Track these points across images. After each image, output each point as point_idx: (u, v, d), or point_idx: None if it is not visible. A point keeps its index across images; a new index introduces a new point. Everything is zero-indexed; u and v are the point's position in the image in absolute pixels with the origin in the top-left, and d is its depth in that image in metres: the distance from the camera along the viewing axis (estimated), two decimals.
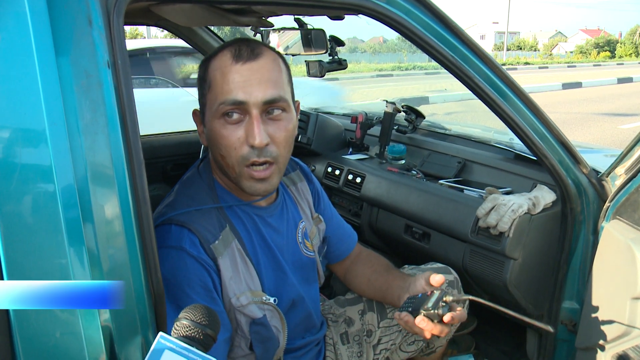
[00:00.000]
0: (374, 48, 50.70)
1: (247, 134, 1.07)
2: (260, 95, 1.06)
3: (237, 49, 1.08)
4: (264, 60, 1.09)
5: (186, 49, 5.14)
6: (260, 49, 1.10)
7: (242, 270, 1.14)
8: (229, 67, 1.07)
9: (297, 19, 1.87)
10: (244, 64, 1.07)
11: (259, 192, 1.13)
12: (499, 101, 1.35)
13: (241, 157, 1.08)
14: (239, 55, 1.07)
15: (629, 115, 10.35)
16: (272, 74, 1.09)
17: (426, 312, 1.12)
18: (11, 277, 0.77)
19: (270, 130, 1.08)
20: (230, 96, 1.06)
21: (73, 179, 0.78)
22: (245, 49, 1.08)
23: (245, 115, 1.07)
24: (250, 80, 1.06)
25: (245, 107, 1.06)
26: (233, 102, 1.06)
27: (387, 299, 1.39)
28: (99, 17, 0.82)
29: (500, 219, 1.58)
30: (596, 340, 1.45)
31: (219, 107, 1.07)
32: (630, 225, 1.41)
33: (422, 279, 1.26)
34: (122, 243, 0.84)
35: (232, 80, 1.06)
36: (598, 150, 2.37)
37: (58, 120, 0.77)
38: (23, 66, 0.75)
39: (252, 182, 1.11)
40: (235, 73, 1.06)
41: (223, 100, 1.06)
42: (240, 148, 1.07)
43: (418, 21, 1.22)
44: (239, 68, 1.07)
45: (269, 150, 1.08)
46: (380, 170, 2.28)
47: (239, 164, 1.09)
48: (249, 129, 1.06)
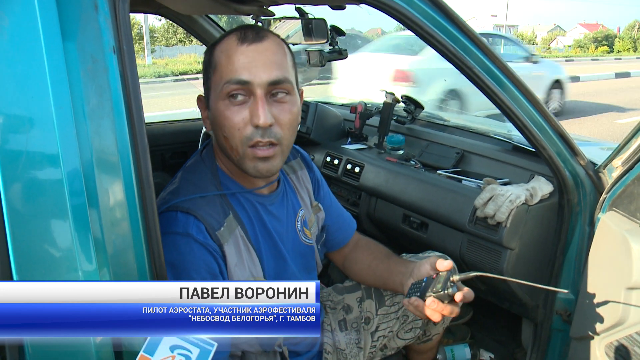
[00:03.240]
0: (372, 40, 50.50)
1: (252, 114, 1.07)
2: (265, 75, 1.07)
3: (242, 32, 1.10)
4: (269, 43, 1.10)
5: None
6: (265, 33, 1.11)
7: (245, 257, 1.16)
8: (234, 48, 1.08)
9: (298, 8, 1.87)
10: (250, 45, 1.08)
11: (262, 172, 1.13)
12: (498, 92, 1.36)
13: (245, 138, 1.08)
14: (245, 37, 1.09)
15: (626, 110, 10.37)
16: (276, 56, 1.10)
17: (436, 293, 1.12)
18: (18, 262, 0.78)
19: (274, 112, 1.09)
20: (235, 76, 1.07)
21: (79, 163, 0.79)
22: (250, 32, 1.10)
23: (250, 96, 1.08)
24: (255, 60, 1.07)
25: (249, 87, 1.07)
26: (238, 81, 1.06)
27: (389, 284, 1.40)
28: (105, 3, 0.82)
29: (498, 209, 1.59)
30: (590, 330, 1.47)
31: (223, 86, 1.08)
32: (626, 217, 1.43)
33: (427, 264, 1.26)
34: (127, 228, 0.85)
35: (237, 61, 1.07)
36: (595, 143, 2.38)
37: (65, 104, 0.77)
38: (31, 51, 0.76)
39: (255, 162, 1.11)
40: (240, 54, 1.07)
41: (228, 79, 1.07)
42: (244, 128, 1.08)
43: (420, 11, 1.23)
44: (244, 49, 1.08)
45: (272, 131, 1.09)
46: (379, 160, 2.29)
47: (243, 144, 1.09)
48: (254, 109, 1.07)
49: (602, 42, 56.10)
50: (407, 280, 1.29)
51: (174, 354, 0.70)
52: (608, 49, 53.44)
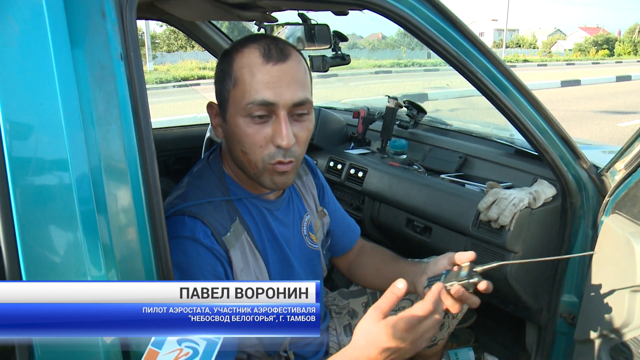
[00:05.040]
0: (373, 44, 50.67)
1: (275, 134, 1.07)
2: (290, 97, 1.07)
3: (266, 47, 1.08)
4: (293, 62, 1.09)
5: None
6: (288, 50, 1.10)
7: (251, 262, 1.16)
8: (258, 66, 1.07)
9: (301, 14, 1.88)
10: (275, 65, 1.06)
11: (279, 185, 1.14)
12: (501, 96, 1.37)
13: (267, 156, 1.09)
14: (269, 55, 1.07)
15: (627, 113, 10.37)
16: (299, 75, 1.09)
17: (461, 281, 1.10)
18: (28, 267, 0.78)
19: (295, 130, 1.09)
20: (260, 96, 1.06)
21: (88, 169, 0.80)
22: (274, 49, 1.08)
23: (272, 114, 1.08)
24: (280, 81, 1.06)
25: (273, 108, 1.06)
26: (262, 102, 1.06)
27: None
28: (112, 10, 0.83)
29: (502, 212, 1.59)
30: (595, 333, 1.47)
31: (246, 106, 1.07)
32: (629, 220, 1.43)
33: (444, 259, 1.24)
34: (134, 233, 0.86)
35: (262, 81, 1.06)
36: (597, 146, 2.39)
37: (73, 111, 0.78)
38: (39, 58, 0.77)
39: (273, 176, 1.12)
40: (265, 73, 1.06)
41: (252, 100, 1.06)
42: (266, 147, 1.08)
43: (423, 17, 1.24)
44: (269, 69, 1.06)
45: (293, 150, 1.09)
46: (382, 164, 2.29)
47: (264, 162, 1.10)
48: (277, 130, 1.07)
49: (603, 46, 56.16)
50: (420, 278, 1.28)
51: (182, 347, 0.71)
52: (609, 52, 53.49)
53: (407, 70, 22.95)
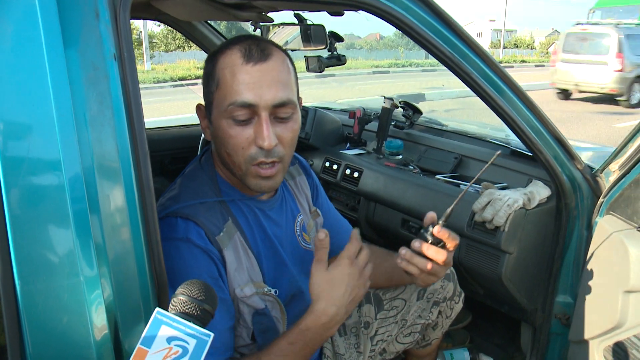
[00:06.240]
0: (370, 45, 50.71)
1: (256, 135, 1.07)
2: (271, 97, 1.06)
3: (247, 48, 1.07)
4: (274, 62, 1.08)
5: None
6: (270, 50, 1.09)
7: (245, 261, 1.16)
8: (239, 67, 1.06)
9: (297, 15, 1.88)
10: (255, 65, 1.06)
11: (264, 189, 1.15)
12: (495, 97, 1.37)
13: (249, 157, 1.09)
14: (250, 55, 1.06)
15: (624, 114, 10.39)
16: (281, 75, 1.09)
17: (444, 222, 1.16)
18: (20, 267, 0.78)
19: (278, 131, 1.09)
20: (240, 98, 1.05)
21: (80, 169, 0.80)
22: (255, 49, 1.07)
23: (254, 115, 1.07)
24: (260, 82, 1.06)
25: (254, 109, 1.06)
26: (243, 103, 1.06)
27: (394, 279, 1.44)
28: (106, 11, 0.83)
29: (496, 213, 1.60)
30: (589, 334, 1.48)
31: (228, 107, 1.07)
32: (623, 220, 1.44)
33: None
34: (127, 233, 0.86)
35: (242, 81, 1.06)
36: (592, 147, 2.39)
37: (66, 111, 0.78)
38: (32, 58, 0.77)
39: (258, 180, 1.12)
40: (245, 74, 1.06)
41: (232, 101, 1.06)
42: (248, 148, 1.08)
43: (417, 18, 1.24)
44: (249, 69, 1.06)
45: (276, 150, 1.09)
46: (377, 165, 2.30)
47: (246, 163, 1.10)
48: (258, 131, 1.07)
49: None
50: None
51: (171, 345, 0.69)
52: None
53: (405, 70, 22.94)
